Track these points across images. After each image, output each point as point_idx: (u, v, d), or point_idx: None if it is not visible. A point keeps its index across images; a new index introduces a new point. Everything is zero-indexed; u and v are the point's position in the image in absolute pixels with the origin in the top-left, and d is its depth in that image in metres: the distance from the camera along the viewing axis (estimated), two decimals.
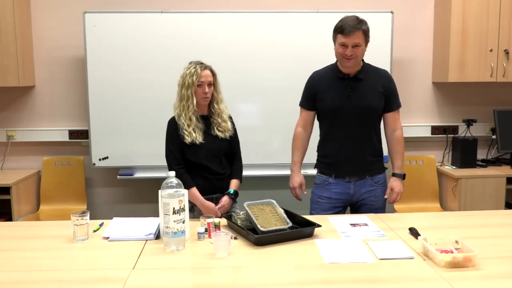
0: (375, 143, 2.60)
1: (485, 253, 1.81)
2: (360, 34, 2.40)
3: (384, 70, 2.63)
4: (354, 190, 2.58)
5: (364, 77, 2.52)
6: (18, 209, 3.57)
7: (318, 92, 2.58)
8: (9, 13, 3.56)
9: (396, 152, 2.61)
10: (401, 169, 2.61)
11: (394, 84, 2.60)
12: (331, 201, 2.59)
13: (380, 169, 2.63)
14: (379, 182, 2.61)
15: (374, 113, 2.56)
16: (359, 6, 3.88)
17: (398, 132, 2.61)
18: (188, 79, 2.45)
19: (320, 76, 2.62)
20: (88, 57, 3.65)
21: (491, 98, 4.08)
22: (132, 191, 4.04)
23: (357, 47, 2.41)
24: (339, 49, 2.45)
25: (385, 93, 2.54)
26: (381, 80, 2.55)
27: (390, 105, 2.58)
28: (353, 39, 2.39)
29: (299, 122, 2.69)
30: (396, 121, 2.61)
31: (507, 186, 3.61)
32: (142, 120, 3.72)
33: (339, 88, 2.52)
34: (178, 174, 2.22)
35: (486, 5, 3.69)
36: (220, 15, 3.70)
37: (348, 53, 2.41)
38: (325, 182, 2.61)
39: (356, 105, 2.49)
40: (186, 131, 2.47)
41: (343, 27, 2.41)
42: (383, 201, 2.62)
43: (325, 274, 1.70)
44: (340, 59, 2.49)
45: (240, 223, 2.16)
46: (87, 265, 1.80)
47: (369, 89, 2.52)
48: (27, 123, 3.95)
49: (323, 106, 2.58)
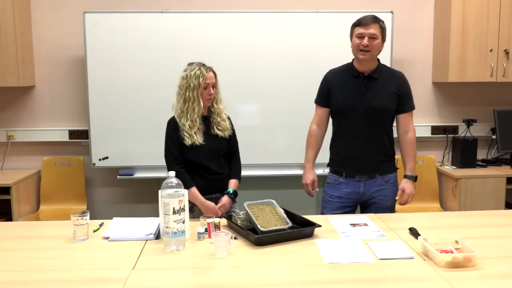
0: (386, 143, 2.61)
1: (485, 253, 1.81)
2: (377, 26, 2.47)
3: (399, 71, 2.65)
4: (364, 189, 2.59)
5: (378, 77, 2.54)
6: (18, 209, 3.57)
7: (332, 90, 2.60)
8: (9, 13, 3.56)
9: (408, 155, 2.63)
10: (413, 171, 2.62)
11: (408, 86, 2.61)
12: (341, 200, 2.61)
13: (391, 169, 2.64)
14: (390, 181, 2.61)
15: (386, 113, 2.57)
16: (359, 6, 3.88)
17: (411, 134, 2.62)
18: (193, 81, 2.43)
19: (335, 74, 2.65)
20: (88, 57, 3.66)
21: (491, 98, 4.08)
22: (132, 191, 4.04)
23: (373, 39, 2.45)
24: (356, 41, 2.48)
25: (399, 94, 2.56)
26: (395, 81, 2.57)
27: (403, 106, 2.59)
28: (370, 29, 2.45)
29: (314, 119, 2.71)
30: (409, 123, 2.62)
31: (507, 186, 3.61)
32: (142, 120, 3.72)
33: (353, 86, 2.54)
34: (178, 174, 2.22)
35: (486, 5, 3.70)
36: (220, 15, 3.70)
37: (364, 43, 2.44)
38: (336, 182, 2.63)
39: (368, 104, 2.51)
40: (187, 133, 2.47)
41: (361, 20, 2.49)
42: (392, 201, 2.63)
43: (325, 274, 1.70)
44: (356, 52, 2.51)
45: (240, 223, 2.16)
46: (87, 265, 1.80)
47: (382, 89, 2.54)
48: (27, 123, 3.95)
49: (335, 104, 2.60)
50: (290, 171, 3.80)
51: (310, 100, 2.74)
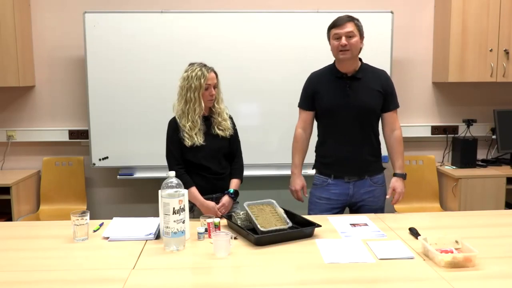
0: (374, 143, 2.60)
1: (485, 253, 1.81)
2: (352, 24, 2.45)
3: (382, 70, 2.63)
4: (354, 190, 2.57)
5: (362, 77, 2.52)
6: (18, 209, 3.57)
7: (317, 92, 2.58)
8: (9, 13, 3.56)
9: (396, 152, 2.61)
10: (402, 169, 2.61)
11: (392, 84, 2.60)
12: (330, 202, 2.59)
13: (379, 169, 2.63)
14: (378, 182, 2.60)
15: (372, 113, 2.56)
16: (359, 6, 3.88)
17: (397, 132, 2.61)
18: (194, 81, 2.43)
19: (318, 76, 2.63)
20: (88, 57, 3.65)
21: (491, 98, 4.08)
22: (132, 191, 4.04)
23: (350, 37, 2.44)
24: (334, 43, 2.48)
25: (383, 93, 2.54)
26: (379, 80, 2.56)
27: (388, 105, 2.58)
28: (345, 29, 2.44)
29: (299, 123, 2.68)
30: (395, 121, 2.61)
31: (507, 186, 3.61)
32: (142, 120, 3.72)
33: (337, 88, 2.53)
34: (178, 174, 2.22)
35: (486, 5, 3.69)
36: (220, 15, 3.70)
37: (342, 43, 2.43)
38: (324, 183, 2.61)
39: (354, 104, 2.49)
40: (187, 134, 2.46)
41: (335, 21, 2.50)
42: (382, 202, 2.61)
43: (325, 274, 1.70)
44: (336, 54, 2.50)
45: (240, 223, 2.16)
46: (87, 265, 1.80)
47: (367, 89, 2.52)
48: (27, 123, 3.95)
49: (321, 106, 2.58)
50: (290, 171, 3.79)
51: None
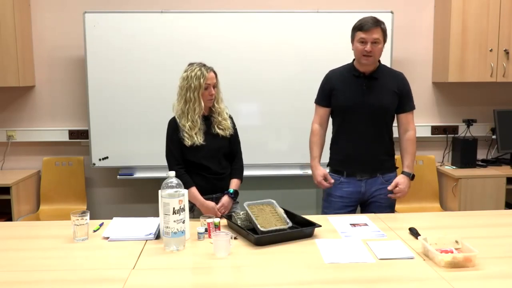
0: (387, 142, 2.63)
1: (485, 253, 1.81)
2: (379, 30, 2.47)
3: (399, 72, 2.67)
4: (366, 188, 2.60)
5: (379, 77, 2.56)
6: (18, 209, 3.57)
7: (335, 89, 2.61)
8: (9, 13, 3.56)
9: (406, 152, 2.63)
10: (410, 169, 2.61)
11: (408, 86, 2.63)
12: (343, 200, 2.62)
13: (391, 167, 2.66)
14: (390, 180, 2.61)
15: (387, 113, 2.59)
16: (359, 6, 3.88)
17: (411, 132, 2.64)
18: (194, 81, 2.43)
19: (336, 74, 2.66)
20: (88, 57, 3.65)
21: (491, 98, 4.08)
22: (132, 191, 4.04)
23: (376, 44, 2.46)
24: (359, 46, 2.49)
25: (399, 94, 2.58)
26: (395, 81, 2.59)
27: (404, 106, 2.61)
28: (373, 35, 2.45)
29: (315, 119, 2.71)
30: (409, 122, 2.63)
31: (507, 186, 3.61)
32: (142, 120, 3.72)
33: (354, 86, 2.56)
34: (178, 174, 2.22)
35: (486, 5, 3.70)
36: (220, 15, 3.70)
37: (367, 49, 2.45)
38: (337, 181, 2.64)
39: (370, 104, 2.53)
40: (187, 133, 2.46)
41: (362, 24, 2.48)
42: (393, 199, 2.63)
43: (325, 274, 1.70)
44: (358, 57, 2.52)
45: (240, 223, 2.16)
46: (87, 265, 1.80)
47: (383, 89, 2.55)
48: (27, 123, 3.95)
49: (337, 103, 2.61)
50: (290, 171, 3.80)
51: (310, 100, 2.74)
